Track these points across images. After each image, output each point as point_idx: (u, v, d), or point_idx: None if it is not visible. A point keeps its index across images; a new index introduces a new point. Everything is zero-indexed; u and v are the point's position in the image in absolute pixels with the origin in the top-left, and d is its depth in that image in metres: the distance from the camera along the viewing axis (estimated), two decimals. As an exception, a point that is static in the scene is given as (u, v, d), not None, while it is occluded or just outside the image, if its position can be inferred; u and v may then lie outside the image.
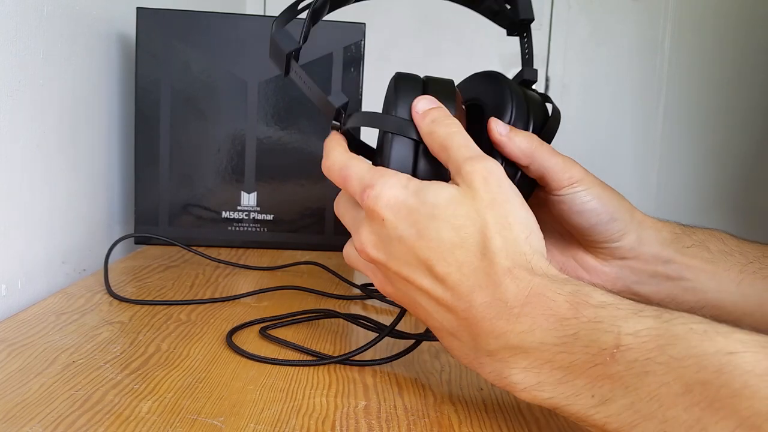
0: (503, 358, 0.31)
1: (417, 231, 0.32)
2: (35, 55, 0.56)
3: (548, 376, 0.29)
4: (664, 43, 1.69)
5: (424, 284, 0.33)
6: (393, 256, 0.33)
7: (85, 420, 0.31)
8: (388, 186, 0.33)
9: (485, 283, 0.31)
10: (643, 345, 0.26)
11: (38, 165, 0.58)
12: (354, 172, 0.35)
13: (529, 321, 0.30)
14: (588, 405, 0.28)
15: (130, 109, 0.79)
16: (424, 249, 0.32)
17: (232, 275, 0.63)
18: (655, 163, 1.74)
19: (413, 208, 0.33)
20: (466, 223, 0.32)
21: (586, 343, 0.28)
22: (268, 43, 0.42)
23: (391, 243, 0.33)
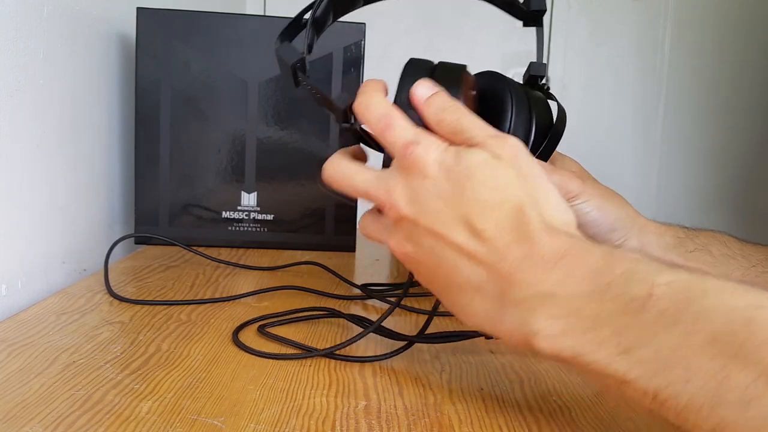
0: (531, 307, 0.31)
1: (458, 189, 0.33)
2: (35, 55, 0.56)
3: (575, 325, 0.30)
4: (664, 43, 1.69)
5: (457, 239, 0.33)
6: (427, 212, 0.34)
7: (86, 420, 0.31)
8: (434, 145, 0.34)
9: (523, 239, 0.32)
10: (675, 295, 0.27)
11: (38, 165, 0.58)
12: (398, 123, 0.35)
13: (563, 271, 0.30)
14: (612, 353, 0.28)
15: (130, 109, 0.79)
16: (463, 206, 0.33)
17: (232, 275, 0.63)
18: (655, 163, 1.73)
19: (453, 167, 0.33)
20: (501, 185, 0.33)
21: (618, 292, 0.29)
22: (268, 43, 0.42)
23: (429, 198, 0.33)
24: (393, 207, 0.35)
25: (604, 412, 0.36)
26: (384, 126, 0.35)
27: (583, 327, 0.29)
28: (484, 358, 0.43)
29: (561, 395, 0.38)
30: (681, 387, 0.26)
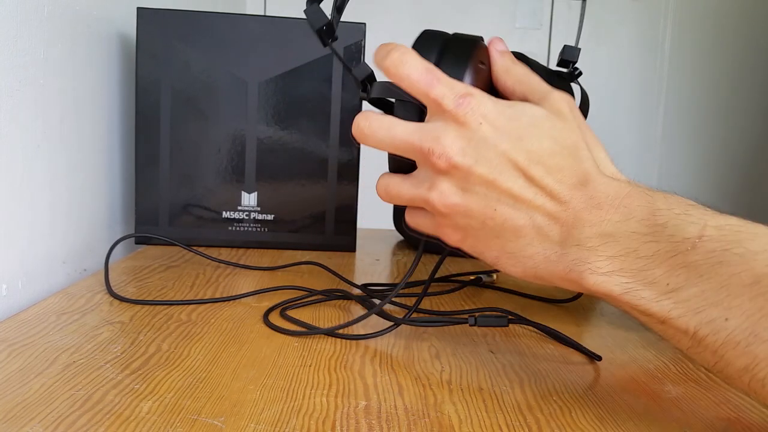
0: (593, 246, 0.32)
1: (517, 136, 0.34)
2: (35, 55, 0.56)
3: (631, 264, 0.31)
4: (664, 43, 1.69)
5: (513, 186, 0.34)
6: (482, 159, 0.34)
7: (86, 420, 0.31)
8: (486, 97, 0.35)
9: (585, 182, 0.33)
10: (724, 237, 0.29)
11: (39, 165, 0.58)
12: (443, 77, 0.35)
13: (625, 211, 0.32)
14: (660, 292, 0.30)
15: (130, 109, 0.79)
16: (523, 152, 0.34)
17: (232, 275, 0.63)
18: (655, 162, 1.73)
19: (514, 116, 0.34)
20: (564, 134, 0.34)
21: (673, 231, 0.30)
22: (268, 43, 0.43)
23: (486, 146, 0.34)
24: (443, 155, 0.34)
25: (604, 412, 0.36)
26: (431, 80, 0.35)
27: (638, 266, 0.31)
28: (484, 358, 0.43)
29: (561, 395, 0.38)
30: (720, 324, 0.28)
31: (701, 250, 0.29)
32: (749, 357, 0.27)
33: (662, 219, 0.31)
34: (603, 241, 0.32)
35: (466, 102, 0.34)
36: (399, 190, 0.38)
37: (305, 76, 0.75)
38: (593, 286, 0.33)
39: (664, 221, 0.31)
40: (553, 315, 0.54)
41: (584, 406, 0.36)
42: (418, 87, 0.35)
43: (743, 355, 0.28)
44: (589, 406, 0.36)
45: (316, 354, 0.42)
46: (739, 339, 0.28)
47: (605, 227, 0.32)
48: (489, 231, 0.35)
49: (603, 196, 0.33)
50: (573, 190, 0.34)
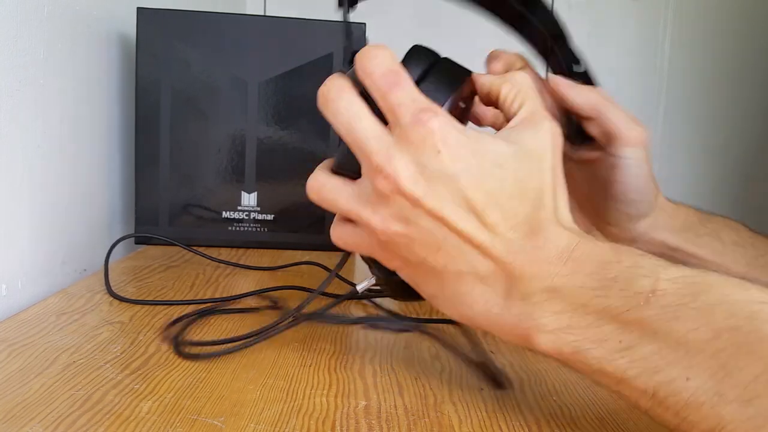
0: (538, 301, 0.30)
1: (479, 173, 0.31)
2: (35, 55, 0.56)
3: (579, 320, 0.29)
4: (664, 43, 1.69)
5: (465, 227, 0.31)
6: (434, 193, 0.30)
7: (86, 420, 0.31)
8: (450, 123, 0.31)
9: (538, 230, 0.31)
10: (679, 291, 0.27)
11: (38, 165, 0.58)
12: (408, 84, 0.31)
13: (574, 265, 0.30)
14: (613, 350, 0.28)
15: (130, 109, 0.79)
16: (482, 192, 0.31)
17: (232, 275, 0.63)
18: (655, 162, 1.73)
19: (478, 151, 0.31)
20: (531, 177, 0.32)
21: (624, 286, 0.28)
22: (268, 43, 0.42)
23: (439, 179, 0.30)
24: (391, 178, 0.30)
25: (604, 412, 0.36)
26: (392, 82, 0.31)
27: (586, 323, 0.29)
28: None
29: (561, 395, 0.38)
30: (681, 385, 0.26)
31: (655, 305, 0.27)
32: (715, 419, 0.25)
33: (612, 272, 0.29)
34: (549, 296, 0.30)
35: (426, 119, 0.30)
36: (335, 197, 0.33)
37: (305, 76, 0.75)
38: (541, 346, 0.30)
39: (614, 275, 0.29)
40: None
41: (584, 406, 0.36)
42: (378, 86, 0.31)
43: (708, 417, 0.25)
44: (589, 406, 0.36)
45: (316, 354, 0.42)
46: (702, 400, 0.25)
47: (552, 281, 0.30)
48: (429, 268, 0.32)
49: (553, 247, 0.31)
50: (525, 239, 0.31)
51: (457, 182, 0.30)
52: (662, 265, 0.29)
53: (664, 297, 0.27)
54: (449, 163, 0.30)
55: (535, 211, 0.31)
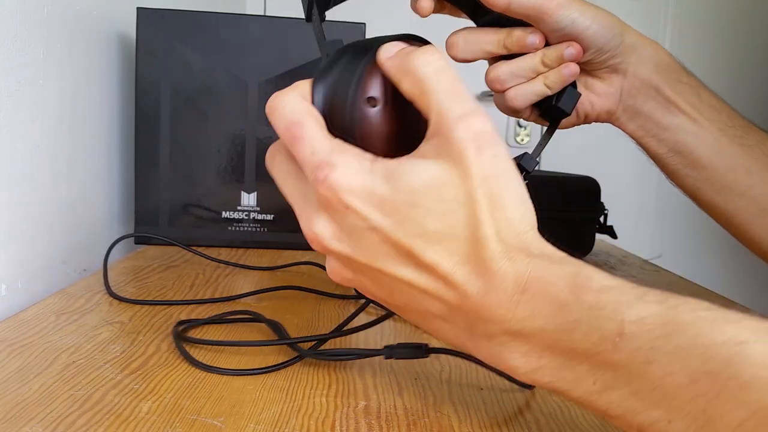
0: (502, 342, 0.29)
1: (396, 220, 0.28)
2: (35, 55, 0.56)
3: (549, 361, 0.28)
4: (664, 43, 1.69)
5: (405, 275, 0.29)
6: (361, 248, 0.29)
7: (85, 420, 0.31)
8: (351, 170, 0.28)
9: (480, 271, 0.28)
10: (648, 333, 0.25)
11: (38, 165, 0.58)
12: (309, 134, 0.29)
13: (529, 307, 0.28)
14: (590, 391, 0.27)
15: (130, 109, 0.79)
16: (406, 238, 0.28)
17: (232, 275, 0.63)
18: (655, 163, 1.74)
19: (387, 197, 0.28)
20: (453, 207, 0.28)
21: (587, 330, 0.27)
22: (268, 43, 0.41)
23: (360, 234, 0.29)
24: (316, 240, 0.30)
25: (604, 412, 0.36)
26: (292, 137, 0.30)
27: (558, 363, 0.28)
28: (484, 358, 0.43)
29: (561, 395, 0.38)
30: (665, 426, 0.25)
31: (624, 349, 0.25)
32: None
33: (572, 315, 0.27)
34: (512, 337, 0.28)
35: (323, 178, 0.28)
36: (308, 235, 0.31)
37: (305, 76, 0.74)
38: (522, 379, 0.29)
39: (574, 318, 0.27)
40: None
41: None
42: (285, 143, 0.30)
43: None
44: (589, 406, 0.36)
45: (315, 354, 0.42)
46: None
47: (510, 325, 0.28)
48: (394, 307, 0.32)
49: (501, 290, 0.28)
50: (470, 277, 0.28)
51: (378, 232, 0.28)
52: (625, 302, 0.26)
53: (633, 340, 0.25)
54: (362, 218, 0.28)
55: (473, 244, 0.28)
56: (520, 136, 1.73)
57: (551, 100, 0.45)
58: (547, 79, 0.44)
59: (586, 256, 0.83)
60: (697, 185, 0.49)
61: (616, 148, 1.64)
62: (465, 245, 0.28)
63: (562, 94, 0.45)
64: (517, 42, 0.43)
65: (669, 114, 0.47)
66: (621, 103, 0.48)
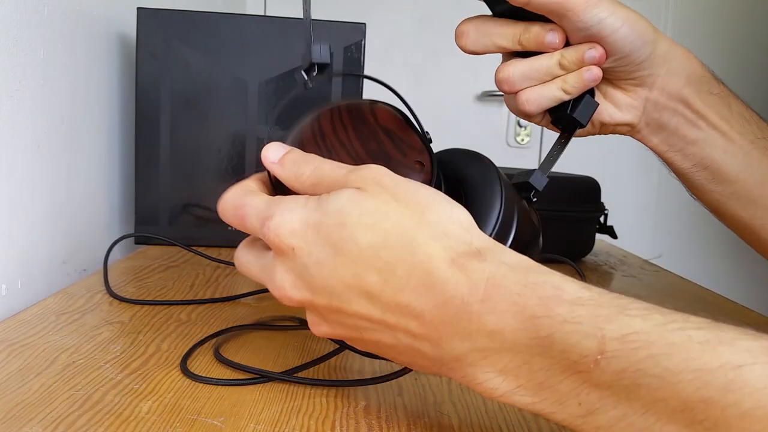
0: (474, 362, 0.27)
1: (332, 247, 0.28)
2: (35, 55, 0.56)
3: (528, 380, 0.26)
4: (664, 43, 1.69)
5: (360, 310, 0.28)
6: (316, 289, 0.29)
7: (85, 420, 0.31)
8: (288, 210, 0.29)
9: (429, 283, 0.27)
10: (633, 353, 0.23)
11: (38, 165, 0.58)
12: (250, 207, 0.31)
13: (494, 319, 0.26)
14: (575, 414, 0.25)
15: (130, 109, 0.79)
16: (347, 265, 0.28)
17: (232, 275, 0.63)
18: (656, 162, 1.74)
19: (319, 223, 0.29)
20: (378, 218, 0.28)
21: (564, 347, 0.24)
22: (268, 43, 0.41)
23: (310, 273, 0.29)
24: (281, 296, 0.30)
25: (604, 412, 0.36)
26: (240, 218, 0.32)
27: (538, 382, 0.25)
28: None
29: (561, 395, 0.38)
30: None
31: (607, 369, 0.23)
32: None
33: (545, 330, 0.25)
34: (482, 355, 0.26)
35: (267, 229, 0.29)
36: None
37: (305, 76, 0.75)
38: (502, 401, 0.27)
39: (548, 333, 0.25)
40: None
41: (584, 406, 0.36)
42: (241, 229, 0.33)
43: None
44: (589, 406, 0.36)
45: (315, 354, 0.42)
46: None
47: (476, 340, 0.26)
48: (375, 348, 0.31)
49: (458, 302, 0.26)
50: (420, 298, 0.27)
51: (323, 269, 0.28)
52: (604, 316, 0.24)
53: (616, 360, 0.23)
54: (305, 254, 0.29)
55: (413, 253, 0.27)
56: (520, 136, 1.73)
57: (566, 107, 0.41)
58: (565, 83, 0.40)
59: (586, 256, 0.83)
60: (722, 200, 0.45)
61: (617, 148, 1.64)
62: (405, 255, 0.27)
63: (579, 103, 0.40)
64: (535, 39, 0.39)
65: (697, 128, 0.43)
66: (644, 116, 0.44)
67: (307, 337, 0.45)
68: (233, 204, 0.32)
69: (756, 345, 0.22)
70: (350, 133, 0.34)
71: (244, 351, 0.42)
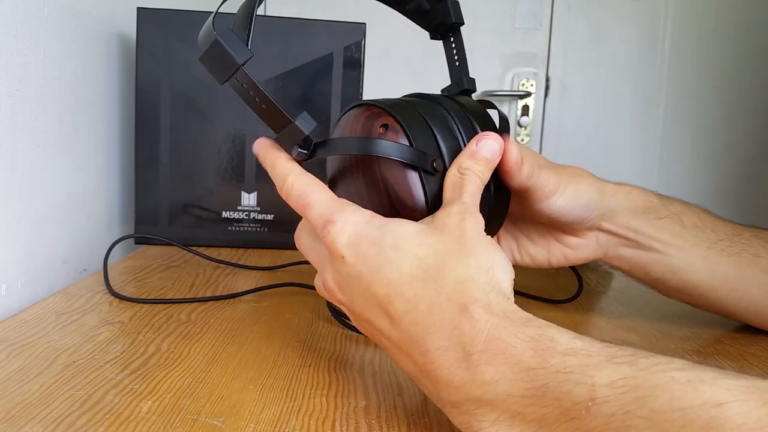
0: (469, 411, 0.28)
1: (377, 263, 0.30)
2: (35, 55, 0.56)
3: (522, 430, 0.27)
4: (664, 43, 1.69)
5: (382, 326, 0.31)
6: (354, 297, 0.32)
7: (85, 420, 0.31)
8: (351, 222, 0.32)
9: (440, 323, 0.29)
10: (621, 397, 0.24)
11: (38, 165, 0.58)
12: (316, 200, 0.33)
13: (491, 370, 0.27)
14: None
15: (130, 109, 0.79)
16: (382, 284, 0.30)
17: (232, 275, 0.63)
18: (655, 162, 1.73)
19: (377, 239, 0.31)
20: (429, 252, 0.30)
21: (557, 396, 0.26)
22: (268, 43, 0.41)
23: (352, 282, 0.31)
24: (328, 291, 0.33)
25: (604, 412, 0.36)
26: (303, 207, 0.34)
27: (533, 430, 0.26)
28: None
29: (561, 395, 0.38)
30: None
31: (598, 415, 0.25)
32: None
33: (539, 380, 0.26)
34: (477, 405, 0.28)
35: (327, 232, 0.32)
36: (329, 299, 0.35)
37: (305, 76, 0.75)
38: None
39: (542, 383, 0.26)
40: (552, 315, 0.54)
41: (584, 406, 0.36)
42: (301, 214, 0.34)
43: None
44: (589, 406, 0.36)
45: (315, 354, 0.42)
46: None
47: (473, 391, 0.27)
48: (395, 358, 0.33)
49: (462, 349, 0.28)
50: (431, 336, 0.29)
51: (362, 280, 0.31)
52: (594, 365, 0.26)
53: (606, 405, 0.24)
54: (352, 263, 0.31)
55: (438, 291, 0.29)
56: (520, 135, 1.74)
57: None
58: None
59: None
60: (693, 300, 0.48)
61: (617, 148, 1.64)
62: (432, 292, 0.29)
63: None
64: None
65: (653, 251, 0.46)
66: (600, 249, 0.46)
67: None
68: (300, 190, 0.34)
69: (735, 384, 0.23)
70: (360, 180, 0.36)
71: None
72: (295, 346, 0.44)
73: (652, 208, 0.46)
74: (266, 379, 0.38)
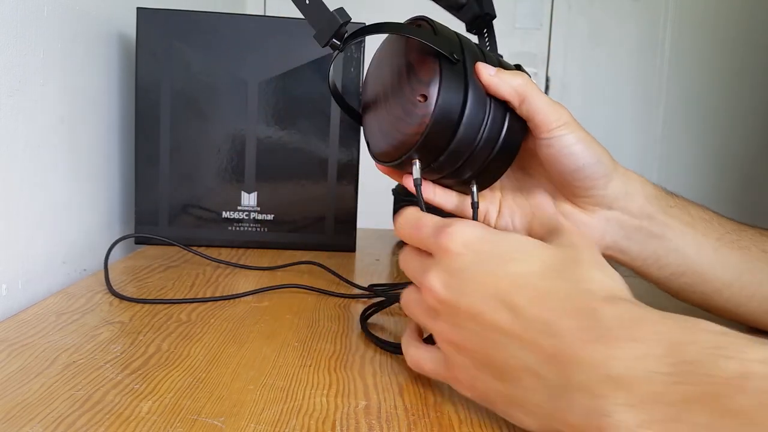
0: (603, 394, 0.26)
1: (500, 258, 0.32)
2: (35, 55, 0.56)
3: (661, 414, 0.25)
4: (664, 43, 1.69)
5: (499, 320, 0.30)
6: (465, 292, 0.32)
7: (86, 420, 0.31)
8: (467, 225, 0.33)
9: (579, 307, 0.28)
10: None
11: (39, 165, 0.58)
12: (429, 221, 0.35)
13: (636, 347, 0.26)
14: None
15: (130, 109, 0.79)
16: (506, 277, 0.31)
17: (232, 275, 0.63)
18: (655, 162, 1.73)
19: (499, 240, 0.33)
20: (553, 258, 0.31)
21: (709, 370, 0.24)
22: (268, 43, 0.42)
23: (465, 277, 0.32)
24: (429, 291, 0.33)
25: (604, 412, 0.36)
26: (414, 228, 0.36)
27: (670, 416, 0.24)
28: (484, 358, 0.43)
29: (561, 395, 0.38)
30: None
31: (750, 391, 0.23)
32: None
33: (690, 355, 0.25)
34: (614, 385, 0.26)
35: (445, 234, 0.33)
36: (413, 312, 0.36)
37: (305, 76, 0.75)
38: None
39: (692, 357, 0.25)
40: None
41: (584, 406, 0.36)
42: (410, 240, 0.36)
43: None
44: (589, 406, 0.36)
45: (315, 354, 0.42)
46: None
47: (613, 368, 0.26)
48: (489, 375, 0.31)
49: (604, 327, 0.27)
50: (567, 318, 0.28)
51: (481, 273, 0.32)
52: (744, 344, 0.25)
53: (759, 381, 0.23)
54: (471, 258, 0.32)
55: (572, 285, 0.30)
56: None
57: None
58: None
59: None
60: (705, 298, 0.47)
61: (617, 148, 1.64)
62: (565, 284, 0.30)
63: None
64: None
65: (665, 239, 0.45)
66: (608, 236, 0.45)
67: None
68: (413, 222, 0.36)
69: None
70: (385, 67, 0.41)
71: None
72: (295, 346, 0.44)
73: (663, 197, 0.46)
74: (266, 379, 0.38)
